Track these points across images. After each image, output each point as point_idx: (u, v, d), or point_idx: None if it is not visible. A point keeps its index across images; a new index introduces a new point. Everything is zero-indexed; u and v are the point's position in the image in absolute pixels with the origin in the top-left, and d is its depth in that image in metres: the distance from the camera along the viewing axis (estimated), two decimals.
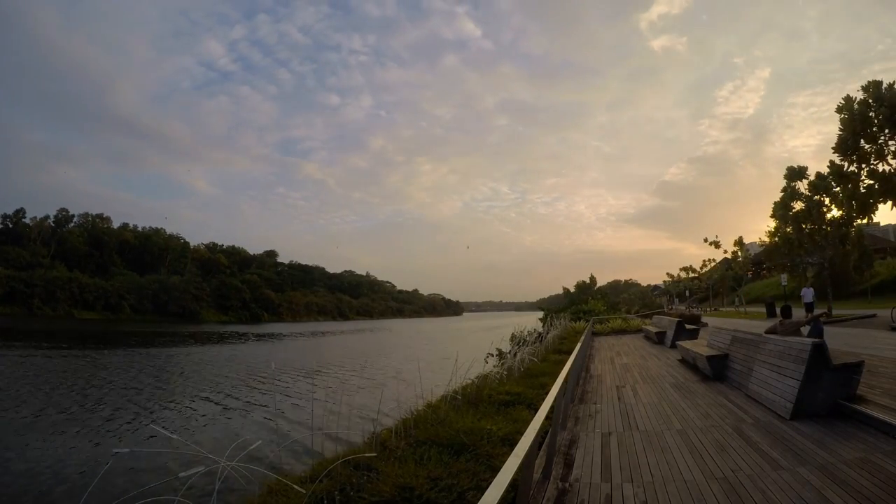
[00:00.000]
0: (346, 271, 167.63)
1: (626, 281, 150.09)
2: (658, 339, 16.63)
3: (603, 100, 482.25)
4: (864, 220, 23.17)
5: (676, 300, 65.01)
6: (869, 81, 19.55)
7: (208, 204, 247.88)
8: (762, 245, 39.58)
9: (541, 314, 38.51)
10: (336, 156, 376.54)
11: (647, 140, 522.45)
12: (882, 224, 52.70)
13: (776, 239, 30.97)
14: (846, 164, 21.23)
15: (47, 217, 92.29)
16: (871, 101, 19.46)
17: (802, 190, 26.66)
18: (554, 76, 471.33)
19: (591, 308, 34.76)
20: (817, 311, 10.52)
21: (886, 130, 19.27)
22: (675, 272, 66.14)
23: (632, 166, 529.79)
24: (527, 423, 3.55)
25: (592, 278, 42.92)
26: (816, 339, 5.94)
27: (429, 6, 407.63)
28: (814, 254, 26.82)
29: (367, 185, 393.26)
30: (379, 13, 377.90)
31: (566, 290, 43.16)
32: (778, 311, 11.52)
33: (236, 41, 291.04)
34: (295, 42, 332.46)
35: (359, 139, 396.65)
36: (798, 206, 26.79)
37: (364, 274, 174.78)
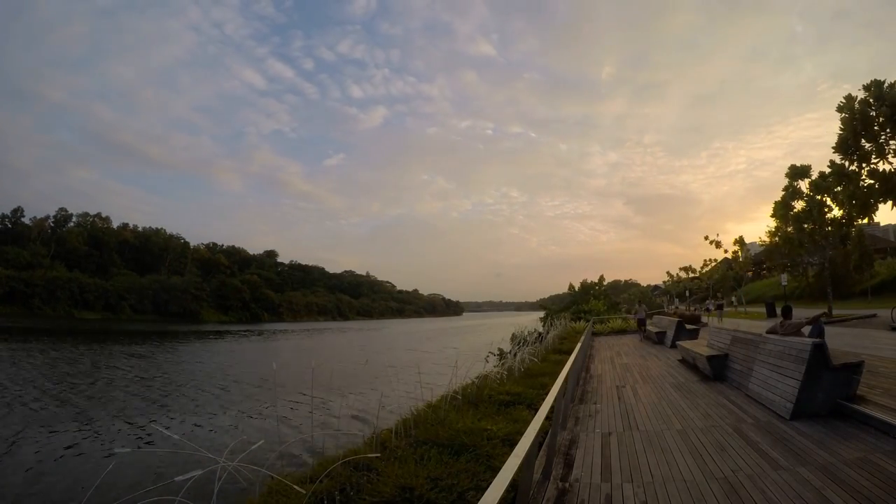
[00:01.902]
0: (346, 271, 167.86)
1: (626, 281, 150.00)
2: (658, 339, 16.64)
3: (610, 112, 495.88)
4: (865, 220, 23.17)
5: (676, 300, 64.99)
6: (871, 80, 19.57)
7: (221, 208, 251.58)
8: (763, 245, 39.57)
9: (541, 314, 38.47)
10: (350, 160, 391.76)
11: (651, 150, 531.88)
12: (882, 224, 52.69)
13: (777, 238, 30.98)
14: (847, 164, 21.24)
15: (47, 217, 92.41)
16: (871, 100, 19.47)
17: (804, 189, 26.66)
18: (566, 90, 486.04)
19: (591, 308, 34.72)
20: (817, 312, 10.48)
21: (887, 129, 19.27)
22: (674, 272, 66.25)
23: (635, 174, 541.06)
24: (527, 423, 3.55)
25: (601, 278, 42.63)
26: (816, 339, 5.93)
27: (454, 29, 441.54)
28: (814, 253, 26.81)
29: (377, 189, 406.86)
30: (403, 34, 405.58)
31: (571, 288, 42.90)
32: (778, 311, 11.50)
33: (263, 57, 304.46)
34: (321, 57, 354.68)
35: (374, 146, 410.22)
36: (799, 205, 26.79)
37: (364, 274, 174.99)
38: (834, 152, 21.35)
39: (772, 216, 30.05)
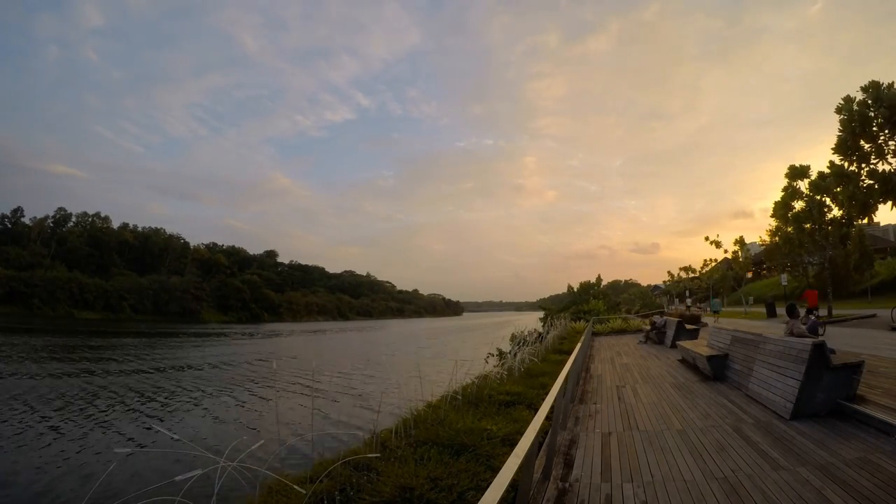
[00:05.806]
0: (346, 271, 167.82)
1: (626, 281, 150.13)
2: (658, 339, 16.64)
3: (619, 134, 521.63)
4: (865, 220, 23.17)
5: (676, 300, 64.95)
6: (869, 81, 19.57)
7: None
8: (763, 245, 39.54)
9: (541, 314, 38.41)
10: (371, 169, 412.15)
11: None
12: (882, 224, 52.70)
13: (776, 238, 30.99)
14: (846, 164, 21.24)
15: (47, 217, 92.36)
16: (870, 101, 19.47)
17: (803, 189, 26.66)
18: (583, 116, 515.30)
19: (591, 308, 34.66)
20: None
21: (886, 130, 19.28)
22: (675, 272, 66.33)
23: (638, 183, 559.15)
24: (527, 423, 3.55)
25: (598, 278, 42.53)
26: (817, 339, 5.94)
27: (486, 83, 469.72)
28: (814, 253, 26.82)
29: (392, 195, 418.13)
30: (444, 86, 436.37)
31: (570, 289, 42.81)
32: (785, 310, 11.45)
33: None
34: (377, 90, 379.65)
35: (403, 160, 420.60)
36: (799, 205, 26.79)
37: (364, 274, 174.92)
38: (833, 153, 21.35)
39: (771, 216, 30.08)
